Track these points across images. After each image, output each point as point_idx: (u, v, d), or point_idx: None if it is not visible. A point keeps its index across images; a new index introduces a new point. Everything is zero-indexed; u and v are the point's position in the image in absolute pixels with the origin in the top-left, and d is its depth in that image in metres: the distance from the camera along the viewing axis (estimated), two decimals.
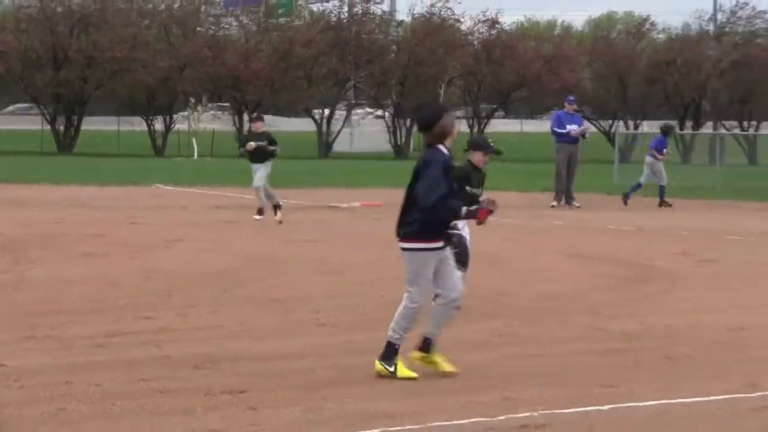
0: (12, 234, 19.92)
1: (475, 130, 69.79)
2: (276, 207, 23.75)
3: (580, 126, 30.73)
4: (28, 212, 25.46)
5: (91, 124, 69.49)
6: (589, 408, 9.11)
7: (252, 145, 23.98)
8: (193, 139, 62.25)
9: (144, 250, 19.16)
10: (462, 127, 70.32)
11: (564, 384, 9.91)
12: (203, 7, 75.32)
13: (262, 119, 26.68)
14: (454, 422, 8.56)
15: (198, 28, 70.33)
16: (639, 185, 31.09)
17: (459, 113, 70.00)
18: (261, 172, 23.94)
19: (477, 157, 13.55)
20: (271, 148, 24.30)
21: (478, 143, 13.90)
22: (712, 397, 9.56)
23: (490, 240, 21.53)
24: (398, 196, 9.57)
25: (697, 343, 11.80)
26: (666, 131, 34.19)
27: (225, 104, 70.61)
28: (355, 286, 15.56)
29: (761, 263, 18.85)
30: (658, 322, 13.14)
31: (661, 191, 30.95)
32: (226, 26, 73.58)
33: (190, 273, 16.67)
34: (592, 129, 65.60)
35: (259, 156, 24.13)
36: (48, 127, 65.64)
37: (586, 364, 10.84)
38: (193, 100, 69.95)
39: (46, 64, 64.67)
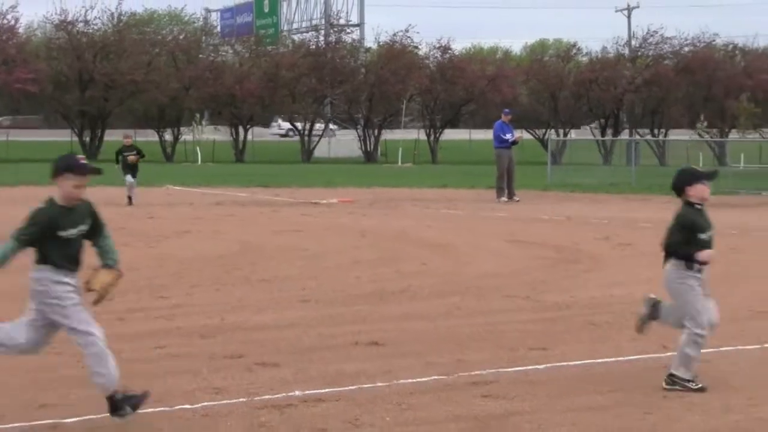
0: None
1: (432, 138, 69.89)
2: None
3: (513, 134, 30.85)
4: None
5: (112, 136, 69.15)
6: (528, 367, 9.17)
7: None
8: (197, 148, 62.19)
9: (159, 239, 19.15)
10: (421, 135, 70.57)
11: (508, 347, 9.96)
12: (204, 37, 75.48)
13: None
14: (417, 380, 8.60)
15: (200, 55, 70.27)
16: None
17: (418, 124, 70.24)
18: None
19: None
20: None
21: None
22: (629, 357, 9.63)
23: (442, 229, 21.62)
24: (367, 193, 9.69)
25: (616, 312, 11.85)
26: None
27: (221, 126, 70.62)
28: (334, 268, 15.58)
29: None
30: (584, 295, 13.21)
31: None
32: (224, 53, 73.59)
33: (196, 258, 16.67)
34: (528, 136, 65.90)
35: None
36: (76, 138, 65.48)
37: (525, 330, 10.88)
38: (197, 115, 69.99)
39: (74, 85, 64.47)
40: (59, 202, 7.46)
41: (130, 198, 27.34)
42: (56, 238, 7.41)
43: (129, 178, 27.68)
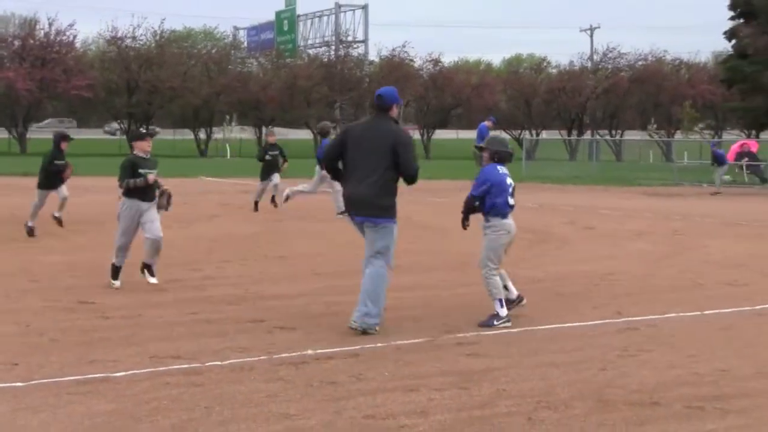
0: (101, 212, 19.82)
1: (425, 137, 69.87)
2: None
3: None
4: (115, 197, 25.27)
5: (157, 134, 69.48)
6: (504, 330, 9.17)
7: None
8: (227, 145, 62.18)
9: (194, 222, 19.13)
10: (416, 135, 70.48)
11: (487, 314, 9.94)
12: (233, 51, 75.48)
13: (273, 133, 24.27)
14: (411, 341, 8.60)
15: (229, 66, 70.23)
16: None
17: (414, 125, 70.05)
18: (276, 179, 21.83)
19: None
20: (282, 161, 22.23)
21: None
22: (590, 322, 9.62)
23: (432, 214, 21.59)
24: None
25: (581, 284, 11.87)
26: None
27: (247, 126, 70.54)
28: (340, 246, 15.57)
29: (625, 229, 18.95)
30: (553, 270, 13.23)
31: None
32: (249, 65, 73.62)
33: (225, 238, 16.66)
34: (506, 136, 65.74)
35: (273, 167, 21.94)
36: (124, 136, 65.51)
37: (531, 297, 10.85)
38: (227, 117, 69.97)
39: (122, 92, 64.52)
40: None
41: (273, 197, 22.18)
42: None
43: (274, 177, 21.98)
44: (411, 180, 9.30)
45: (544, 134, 72.58)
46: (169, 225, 16.83)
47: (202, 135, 66.99)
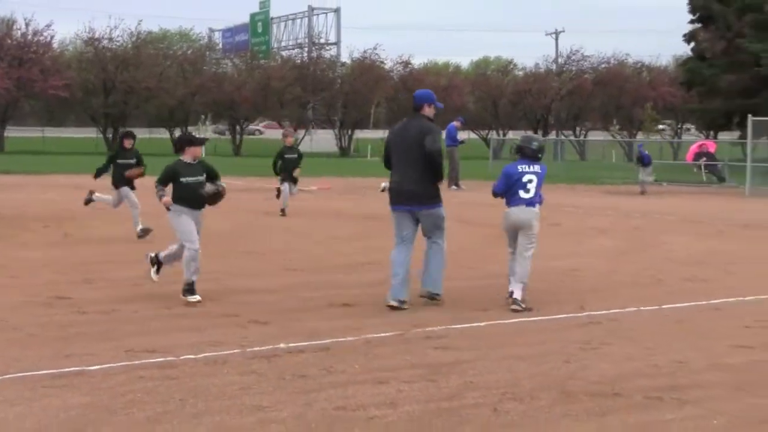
0: (78, 208, 19.70)
1: None
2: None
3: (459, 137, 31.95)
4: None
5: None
6: (472, 324, 9.19)
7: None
8: None
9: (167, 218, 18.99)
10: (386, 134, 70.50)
11: (455, 308, 9.98)
12: (208, 52, 75.10)
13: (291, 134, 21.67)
14: (381, 335, 8.61)
15: (204, 67, 69.92)
16: None
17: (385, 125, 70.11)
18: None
19: None
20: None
21: None
22: (554, 316, 9.67)
23: None
24: (342, 182, 9.67)
25: (546, 280, 11.91)
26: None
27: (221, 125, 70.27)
28: (314, 243, 15.57)
29: (588, 226, 19.05)
30: None
31: None
32: (224, 66, 73.37)
33: (202, 234, 16.55)
34: (474, 136, 66.05)
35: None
36: (101, 135, 65.13)
37: (470, 294, 10.91)
38: (202, 116, 69.71)
39: (99, 92, 64.08)
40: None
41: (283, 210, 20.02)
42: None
43: (286, 187, 19.97)
44: (432, 161, 9.98)
45: (511, 134, 72.67)
46: (145, 221, 16.77)
47: (177, 134, 66.67)
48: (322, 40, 78.74)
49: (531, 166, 10.26)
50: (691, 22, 54.44)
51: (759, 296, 10.98)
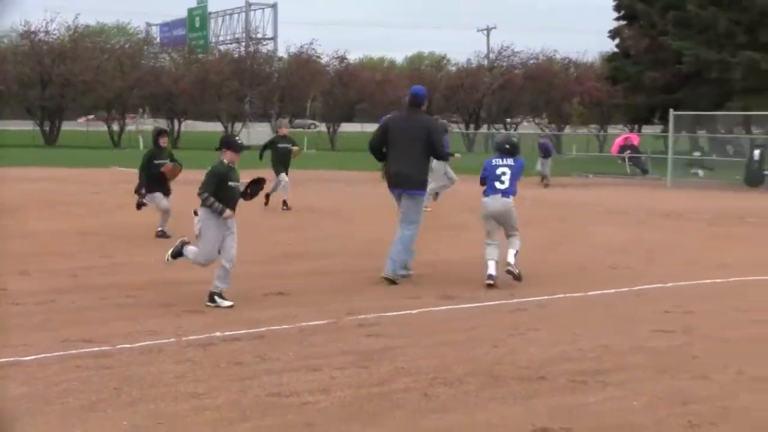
0: (15, 200, 19.36)
1: (331, 130, 69.88)
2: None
3: None
4: (29, 186, 24.71)
5: (68, 126, 67.72)
6: (403, 312, 9.21)
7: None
8: (140, 136, 61.22)
9: (106, 211, 18.78)
10: (322, 128, 70.43)
11: (387, 296, 10.00)
12: (145, 46, 74.25)
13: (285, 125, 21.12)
14: (315, 323, 8.59)
15: (142, 61, 69.10)
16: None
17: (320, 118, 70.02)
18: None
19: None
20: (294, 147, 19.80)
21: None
22: (484, 303, 9.72)
23: (340, 202, 21.61)
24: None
25: (477, 269, 11.97)
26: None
27: (160, 118, 69.35)
28: (252, 234, 15.43)
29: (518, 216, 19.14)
30: (448, 255, 13.33)
31: None
32: (162, 60, 72.56)
33: (137, 226, 16.37)
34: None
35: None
36: (38, 128, 64.00)
37: (402, 282, 10.93)
38: (140, 109, 68.89)
39: (35, 85, 62.92)
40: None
41: (285, 201, 19.65)
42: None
43: (283, 177, 19.60)
44: (441, 158, 11.79)
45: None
46: (82, 213, 16.56)
47: (116, 127, 65.83)
48: (260, 35, 78.19)
49: (504, 160, 11.13)
50: (617, 19, 55.11)
51: (678, 282, 11.17)
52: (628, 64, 52.08)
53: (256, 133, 69.84)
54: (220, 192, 9.24)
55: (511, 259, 10.85)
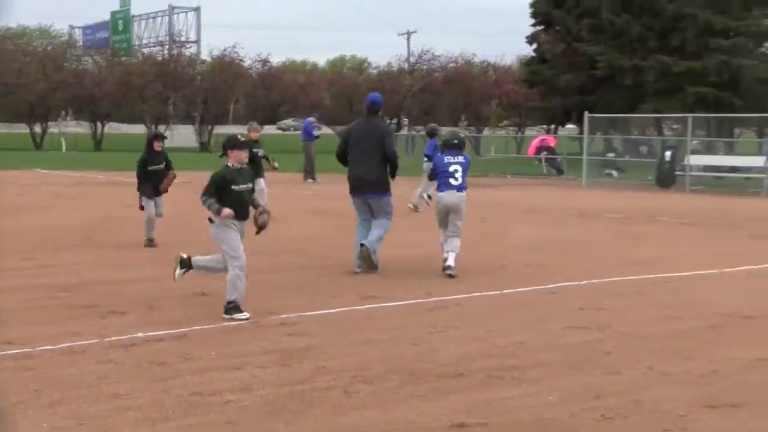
0: None
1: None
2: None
3: (316, 130, 32.09)
4: None
5: None
6: (324, 311, 9.20)
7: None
8: (62, 139, 60.10)
9: (28, 212, 18.43)
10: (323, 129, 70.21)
11: (307, 295, 9.97)
12: (68, 49, 72.92)
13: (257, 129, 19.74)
14: (236, 323, 8.53)
15: (65, 64, 67.81)
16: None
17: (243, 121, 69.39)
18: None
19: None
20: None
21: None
22: (404, 302, 9.74)
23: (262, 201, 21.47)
24: (202, 176, 9.55)
25: (398, 268, 11.99)
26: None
27: (82, 121, 68.14)
28: (177, 235, 15.28)
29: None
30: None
31: None
32: (85, 62, 71.34)
33: (59, 228, 16.10)
34: (330, 132, 66.09)
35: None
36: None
37: (324, 282, 10.90)
38: (63, 111, 67.66)
39: None
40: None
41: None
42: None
43: (260, 182, 16.68)
44: (391, 160, 11.68)
45: None
46: (3, 214, 16.20)
47: (38, 129, 64.50)
48: (183, 38, 77.42)
49: (456, 157, 11.66)
50: (534, 24, 55.81)
51: (592, 280, 11.35)
52: (544, 68, 52.82)
53: (179, 136, 69.16)
54: (225, 197, 8.75)
55: (451, 262, 11.26)
